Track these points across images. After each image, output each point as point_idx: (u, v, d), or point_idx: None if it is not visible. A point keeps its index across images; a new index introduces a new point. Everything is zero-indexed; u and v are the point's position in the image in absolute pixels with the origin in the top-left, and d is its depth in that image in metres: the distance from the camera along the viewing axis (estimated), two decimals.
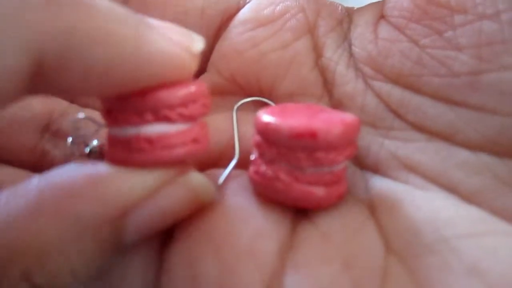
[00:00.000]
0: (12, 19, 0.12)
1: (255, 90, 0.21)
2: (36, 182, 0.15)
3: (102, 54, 0.13)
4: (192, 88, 0.16)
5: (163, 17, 0.21)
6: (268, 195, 0.17)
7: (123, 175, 0.15)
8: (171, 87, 0.15)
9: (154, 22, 0.15)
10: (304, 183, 0.16)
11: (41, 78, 0.13)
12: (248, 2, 0.22)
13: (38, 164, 0.20)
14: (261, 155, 0.17)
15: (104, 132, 0.17)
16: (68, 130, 0.20)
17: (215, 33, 0.21)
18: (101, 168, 0.15)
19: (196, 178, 0.16)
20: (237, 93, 0.21)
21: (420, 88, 0.18)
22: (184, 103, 0.15)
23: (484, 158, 0.16)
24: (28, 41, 0.12)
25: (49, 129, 0.20)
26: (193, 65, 0.16)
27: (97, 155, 0.19)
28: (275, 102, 0.20)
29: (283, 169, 0.16)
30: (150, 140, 0.15)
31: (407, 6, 0.18)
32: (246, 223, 0.17)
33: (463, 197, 0.16)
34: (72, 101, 0.22)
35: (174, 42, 0.15)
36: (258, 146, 0.17)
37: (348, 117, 0.17)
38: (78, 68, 0.13)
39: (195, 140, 0.16)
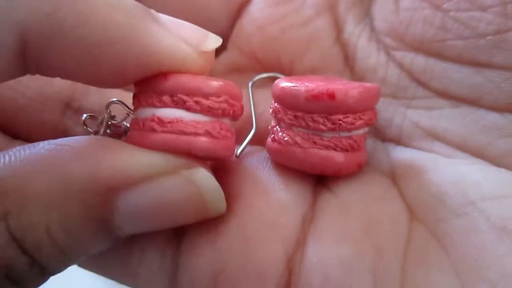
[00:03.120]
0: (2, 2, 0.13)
1: (276, 67, 0.21)
2: (46, 142, 0.15)
3: (87, 36, 0.14)
4: (216, 82, 0.15)
5: None
6: (286, 162, 0.17)
7: (123, 151, 0.15)
8: (198, 77, 0.15)
9: (164, 17, 0.15)
10: (322, 148, 0.16)
11: (31, 57, 0.14)
12: None
13: None
14: (278, 122, 0.17)
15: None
16: (95, 110, 0.20)
17: (236, 11, 0.21)
18: (111, 142, 0.15)
19: (201, 175, 0.15)
20: (258, 70, 0.21)
21: (444, 53, 0.17)
22: (205, 93, 0.15)
23: None
24: (13, 20, 0.13)
25: (71, 106, 0.20)
26: (200, 61, 0.15)
27: (113, 135, 0.18)
28: None
29: (300, 134, 0.16)
30: (161, 121, 0.15)
31: None
32: (268, 197, 0.16)
33: (491, 161, 0.16)
34: None
35: (177, 36, 0.15)
36: (275, 113, 0.17)
37: (367, 83, 0.16)
38: (61, 48, 0.14)
39: (208, 134, 0.15)
